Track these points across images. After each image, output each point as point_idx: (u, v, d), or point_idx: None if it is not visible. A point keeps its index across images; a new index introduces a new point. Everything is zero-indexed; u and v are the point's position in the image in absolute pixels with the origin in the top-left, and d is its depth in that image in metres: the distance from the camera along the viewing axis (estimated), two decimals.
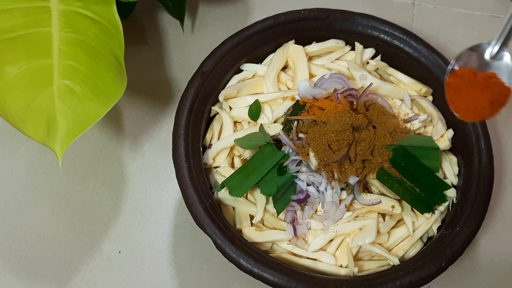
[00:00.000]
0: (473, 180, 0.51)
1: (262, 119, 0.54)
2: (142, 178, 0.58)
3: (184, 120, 0.50)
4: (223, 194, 0.50)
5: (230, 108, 0.56)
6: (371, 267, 0.50)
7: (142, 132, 0.60)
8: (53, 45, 0.44)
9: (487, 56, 0.39)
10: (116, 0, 0.47)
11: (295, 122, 0.52)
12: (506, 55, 0.39)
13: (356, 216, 0.51)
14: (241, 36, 0.55)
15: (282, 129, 0.52)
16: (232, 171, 0.51)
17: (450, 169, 0.53)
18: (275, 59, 0.57)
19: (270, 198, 0.50)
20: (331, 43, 0.58)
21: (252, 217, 0.51)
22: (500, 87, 0.38)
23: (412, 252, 0.51)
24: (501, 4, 0.70)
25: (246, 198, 0.52)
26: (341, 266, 0.49)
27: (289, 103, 0.54)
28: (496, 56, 0.39)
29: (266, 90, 0.56)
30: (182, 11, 0.63)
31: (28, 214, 0.56)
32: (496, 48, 0.39)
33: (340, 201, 0.50)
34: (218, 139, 0.54)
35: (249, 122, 0.55)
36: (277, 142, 0.52)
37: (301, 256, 0.50)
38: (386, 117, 0.53)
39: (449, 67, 0.40)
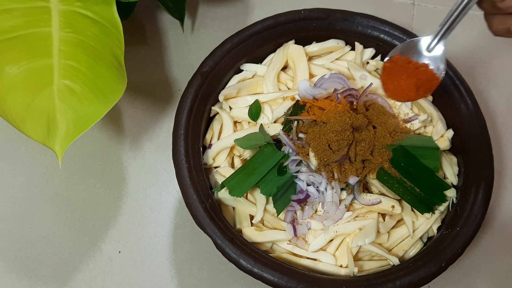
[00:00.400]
0: (473, 180, 0.51)
1: (262, 119, 0.54)
2: (142, 178, 0.58)
3: (184, 120, 0.50)
4: (223, 194, 0.50)
5: (230, 108, 0.56)
6: (371, 267, 0.50)
7: (142, 132, 0.60)
8: (53, 45, 0.44)
9: (424, 48, 0.44)
10: (116, 0, 0.47)
11: (295, 122, 0.52)
12: (440, 49, 0.43)
13: (356, 216, 0.51)
14: (241, 36, 0.55)
15: (282, 129, 0.52)
16: (232, 171, 0.51)
17: (450, 169, 0.53)
18: (275, 59, 0.57)
19: (270, 198, 0.50)
20: (331, 43, 0.58)
21: (252, 217, 0.51)
22: (428, 75, 0.43)
23: (412, 252, 0.51)
24: None
25: (246, 198, 0.52)
26: (341, 266, 0.49)
27: (289, 103, 0.54)
28: (432, 50, 0.43)
29: (266, 90, 0.56)
30: (182, 11, 0.63)
31: (28, 214, 0.56)
32: (434, 42, 0.43)
33: (340, 201, 0.50)
34: (218, 139, 0.54)
35: (249, 122, 0.55)
36: (277, 142, 0.52)
37: (301, 256, 0.50)
38: (386, 117, 0.53)
39: (389, 54, 0.45)
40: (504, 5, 0.37)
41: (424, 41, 0.44)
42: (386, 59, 0.45)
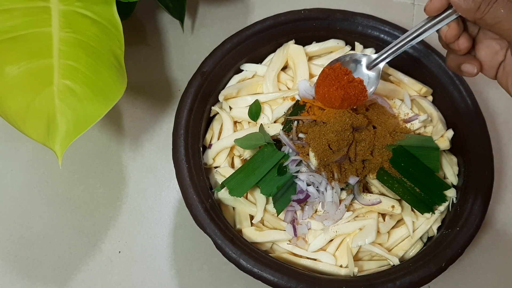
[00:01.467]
0: (473, 180, 0.51)
1: (262, 119, 0.54)
2: (142, 178, 0.58)
3: (184, 120, 0.50)
4: (223, 194, 0.50)
5: (230, 108, 0.56)
6: (371, 267, 0.50)
7: (142, 132, 0.60)
8: (53, 45, 0.44)
9: (365, 65, 0.46)
10: (116, 0, 0.47)
11: (295, 122, 0.52)
12: (379, 69, 0.45)
13: (356, 216, 0.51)
14: (241, 36, 0.55)
15: (282, 129, 0.52)
16: (232, 171, 0.51)
17: (450, 169, 0.53)
18: (275, 59, 0.57)
19: (270, 198, 0.50)
20: (331, 43, 0.58)
21: (252, 217, 0.51)
22: (357, 91, 0.46)
23: (412, 252, 0.51)
24: None
25: (246, 198, 0.52)
26: (341, 266, 0.49)
27: (289, 103, 0.54)
28: (371, 69, 0.46)
29: (266, 90, 0.56)
30: (182, 11, 0.63)
31: (28, 214, 0.56)
32: (374, 63, 0.45)
33: (340, 201, 0.50)
34: (218, 139, 0.54)
35: (249, 122, 0.55)
36: (277, 142, 0.52)
37: (301, 256, 0.50)
38: (386, 117, 0.53)
39: (333, 60, 0.47)
40: (454, 47, 0.40)
41: (367, 59, 0.46)
42: (331, 62, 0.47)
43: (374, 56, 0.45)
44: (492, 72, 0.40)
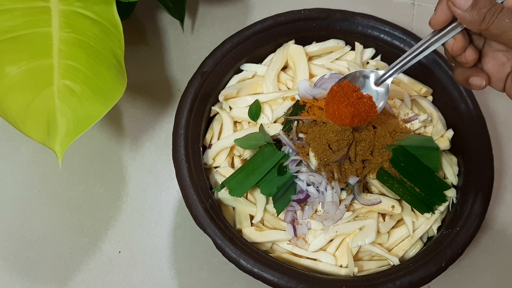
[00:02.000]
0: (473, 180, 0.51)
1: (262, 119, 0.54)
2: (142, 178, 0.58)
3: (184, 120, 0.50)
4: (223, 194, 0.50)
5: (230, 108, 0.56)
6: (371, 267, 0.50)
7: (142, 132, 0.60)
8: (53, 45, 0.44)
9: (373, 81, 0.45)
10: (116, 0, 0.47)
11: (295, 122, 0.52)
12: (387, 85, 0.45)
13: (356, 216, 0.51)
14: (241, 36, 0.55)
15: (282, 129, 0.52)
16: (232, 171, 0.51)
17: (450, 169, 0.53)
18: (275, 59, 0.57)
19: (270, 198, 0.50)
20: (331, 43, 0.58)
21: (252, 217, 0.51)
22: (367, 107, 0.45)
23: (412, 252, 0.51)
24: None
25: (246, 198, 0.52)
26: (341, 266, 0.49)
27: (289, 103, 0.54)
28: (380, 85, 0.45)
29: (266, 90, 0.56)
30: (182, 11, 0.63)
31: (28, 214, 0.56)
32: (382, 79, 0.45)
33: (340, 201, 0.50)
34: (218, 139, 0.54)
35: (249, 122, 0.55)
36: (277, 142, 0.52)
37: (301, 256, 0.50)
38: (386, 117, 0.53)
39: (340, 79, 0.47)
40: (460, 60, 0.39)
41: (375, 75, 0.45)
42: (339, 80, 0.47)
43: (382, 72, 0.45)
44: (500, 85, 0.40)
